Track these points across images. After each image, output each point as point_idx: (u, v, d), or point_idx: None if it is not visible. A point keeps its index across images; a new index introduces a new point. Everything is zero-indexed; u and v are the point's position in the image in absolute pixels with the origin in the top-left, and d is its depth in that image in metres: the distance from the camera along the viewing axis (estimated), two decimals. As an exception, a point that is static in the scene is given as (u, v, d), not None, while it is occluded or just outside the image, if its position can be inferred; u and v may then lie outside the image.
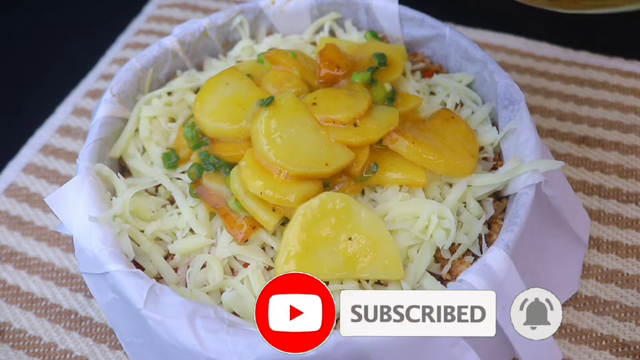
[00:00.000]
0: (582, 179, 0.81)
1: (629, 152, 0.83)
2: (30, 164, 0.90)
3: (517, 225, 0.55)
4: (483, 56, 0.70)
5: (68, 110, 0.98)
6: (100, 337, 0.71)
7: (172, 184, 0.64)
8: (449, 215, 0.57)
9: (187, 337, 0.50)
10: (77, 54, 1.08)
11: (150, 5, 1.16)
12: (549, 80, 0.94)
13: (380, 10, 0.78)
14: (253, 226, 0.59)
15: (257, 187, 0.58)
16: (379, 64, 0.69)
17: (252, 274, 0.57)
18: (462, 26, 1.02)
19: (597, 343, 0.66)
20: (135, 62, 0.74)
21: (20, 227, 0.83)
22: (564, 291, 0.67)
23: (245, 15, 0.81)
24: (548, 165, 0.58)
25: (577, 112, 0.89)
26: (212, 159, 0.64)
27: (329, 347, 0.48)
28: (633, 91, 0.90)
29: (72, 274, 0.77)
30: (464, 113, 0.69)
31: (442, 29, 0.74)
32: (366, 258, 0.56)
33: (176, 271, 0.61)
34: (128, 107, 0.71)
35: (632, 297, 0.69)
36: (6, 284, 0.77)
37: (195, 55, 0.80)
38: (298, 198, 0.57)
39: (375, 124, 0.62)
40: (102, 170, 0.63)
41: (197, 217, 0.62)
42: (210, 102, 0.66)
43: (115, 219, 0.59)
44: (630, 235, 0.75)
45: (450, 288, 0.52)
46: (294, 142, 0.60)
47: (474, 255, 0.59)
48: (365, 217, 0.57)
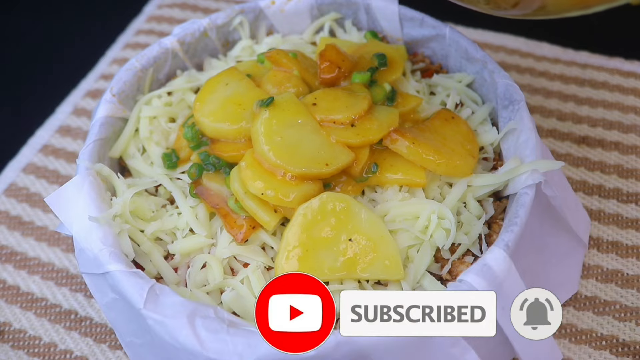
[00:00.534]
0: (582, 179, 0.81)
1: (629, 152, 0.83)
2: (30, 164, 0.90)
3: (517, 225, 0.55)
4: (483, 56, 0.70)
5: (68, 110, 0.98)
6: (100, 337, 0.71)
7: (172, 184, 0.64)
8: (449, 215, 0.57)
9: (187, 337, 0.50)
10: (77, 54, 1.08)
11: (150, 5, 1.16)
12: (549, 80, 0.94)
13: (380, 10, 0.78)
14: (253, 226, 0.59)
15: (258, 188, 0.58)
16: (379, 64, 0.69)
17: (252, 274, 0.57)
18: (462, 26, 1.02)
19: (597, 343, 0.66)
20: (135, 62, 0.74)
21: (20, 227, 0.83)
22: (564, 291, 0.67)
23: (245, 15, 0.81)
24: (548, 166, 0.58)
25: (577, 112, 0.89)
26: (212, 159, 0.64)
27: (329, 347, 0.48)
28: (633, 91, 0.90)
29: (72, 274, 0.77)
30: (464, 113, 0.69)
31: (442, 29, 0.74)
32: (366, 258, 0.56)
33: (176, 271, 0.61)
34: (128, 107, 0.71)
35: (632, 297, 0.69)
36: (6, 284, 0.77)
37: (195, 55, 0.80)
38: (298, 198, 0.57)
39: (376, 124, 0.62)
40: (102, 170, 0.63)
41: (197, 217, 0.62)
42: (210, 102, 0.66)
43: (115, 219, 0.59)
44: (630, 235, 0.75)
45: (450, 288, 0.52)
46: (294, 143, 0.60)
47: (474, 255, 0.59)
48: (366, 217, 0.57)
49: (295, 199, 0.57)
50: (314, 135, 0.61)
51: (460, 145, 0.63)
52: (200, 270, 0.59)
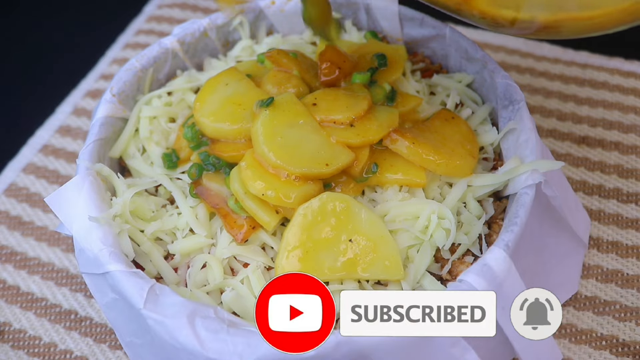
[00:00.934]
0: (582, 179, 0.81)
1: (629, 152, 0.83)
2: (30, 164, 0.90)
3: (517, 225, 0.55)
4: (483, 56, 0.70)
5: (68, 110, 0.98)
6: (100, 337, 0.71)
7: (172, 184, 0.64)
8: (449, 215, 0.57)
9: (187, 337, 0.50)
10: (77, 54, 1.08)
11: (150, 5, 1.16)
12: (549, 80, 0.94)
13: (380, 10, 0.78)
14: (253, 226, 0.59)
15: (258, 188, 0.58)
16: (379, 64, 0.69)
17: (252, 274, 0.57)
18: (462, 26, 1.02)
19: (597, 343, 0.66)
20: (135, 62, 0.74)
21: (20, 227, 0.83)
22: (564, 291, 0.67)
23: (245, 15, 0.81)
24: (548, 166, 0.58)
25: (577, 112, 0.89)
26: (212, 159, 0.64)
27: (329, 347, 0.48)
28: (633, 91, 0.90)
29: (72, 274, 0.77)
30: (464, 113, 0.69)
31: (442, 29, 0.74)
32: (366, 258, 0.56)
33: (176, 271, 0.61)
34: (128, 107, 0.71)
35: (632, 297, 0.69)
36: (6, 284, 0.77)
37: (195, 55, 0.80)
38: (298, 198, 0.57)
39: (376, 124, 0.62)
40: (102, 170, 0.63)
41: (197, 217, 0.62)
42: (210, 103, 0.66)
43: (115, 219, 0.59)
44: (630, 235, 0.75)
45: (450, 288, 0.52)
46: (294, 143, 0.60)
47: (474, 255, 0.59)
48: (366, 218, 0.57)
49: (295, 200, 0.57)
50: (314, 135, 0.61)
51: (460, 145, 0.63)
52: (200, 270, 0.59)
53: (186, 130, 0.67)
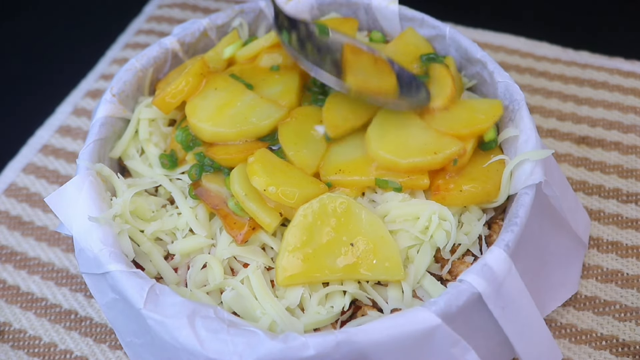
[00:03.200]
0: (582, 179, 0.81)
1: (629, 152, 0.83)
2: (30, 164, 0.90)
3: (517, 226, 0.55)
4: (483, 56, 0.70)
5: (68, 110, 0.98)
6: (100, 337, 0.71)
7: (172, 185, 0.64)
8: (449, 216, 0.57)
9: (187, 337, 0.50)
10: (77, 54, 1.07)
11: (150, 5, 1.16)
12: (549, 80, 0.94)
13: (380, 10, 0.78)
14: (253, 227, 0.59)
15: (261, 183, 0.57)
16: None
17: (252, 274, 0.57)
18: (462, 26, 1.02)
19: (597, 343, 0.66)
20: (135, 62, 0.73)
21: (20, 227, 0.83)
22: (564, 291, 0.67)
23: (246, 15, 0.81)
24: (539, 155, 0.58)
25: (577, 112, 0.89)
26: (207, 161, 0.64)
27: (329, 347, 0.48)
28: (633, 91, 0.90)
29: (72, 274, 0.77)
30: (464, 113, 0.69)
31: (442, 29, 0.74)
32: (366, 259, 0.56)
33: (176, 271, 0.61)
34: (128, 107, 0.71)
35: (632, 297, 0.69)
36: (6, 284, 0.77)
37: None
38: (300, 198, 0.57)
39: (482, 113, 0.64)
40: (102, 171, 0.63)
41: (197, 217, 0.62)
42: (205, 108, 0.65)
43: (115, 219, 0.59)
44: (630, 235, 0.75)
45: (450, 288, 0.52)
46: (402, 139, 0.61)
47: (474, 255, 0.59)
48: (366, 218, 0.57)
49: (297, 199, 0.57)
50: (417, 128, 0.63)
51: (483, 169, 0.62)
52: (200, 271, 0.59)
53: (177, 134, 0.67)
